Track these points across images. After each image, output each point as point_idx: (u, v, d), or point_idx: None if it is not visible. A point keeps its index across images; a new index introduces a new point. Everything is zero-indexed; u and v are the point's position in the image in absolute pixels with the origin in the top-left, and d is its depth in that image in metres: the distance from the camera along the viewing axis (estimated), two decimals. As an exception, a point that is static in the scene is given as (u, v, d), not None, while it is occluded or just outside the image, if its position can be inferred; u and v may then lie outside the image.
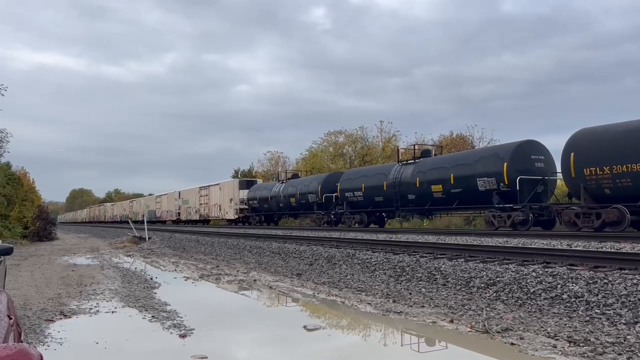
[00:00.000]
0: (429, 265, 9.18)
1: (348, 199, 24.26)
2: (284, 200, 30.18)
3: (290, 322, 6.59)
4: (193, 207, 45.41)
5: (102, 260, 15.68)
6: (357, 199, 23.78)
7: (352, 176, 24.98)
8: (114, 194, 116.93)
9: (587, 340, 4.81)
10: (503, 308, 6.57)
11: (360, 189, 23.43)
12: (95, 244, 26.01)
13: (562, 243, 10.81)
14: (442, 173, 18.78)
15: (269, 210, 32.56)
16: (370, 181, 23.03)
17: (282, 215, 32.53)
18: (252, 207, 34.60)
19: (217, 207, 39.91)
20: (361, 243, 13.23)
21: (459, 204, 18.13)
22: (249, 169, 56.26)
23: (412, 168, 20.59)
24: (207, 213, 42.02)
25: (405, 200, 20.57)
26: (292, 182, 30.52)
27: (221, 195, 39.10)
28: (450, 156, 19.89)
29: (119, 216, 69.68)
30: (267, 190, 32.84)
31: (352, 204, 24.21)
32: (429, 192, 19.17)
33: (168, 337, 5.51)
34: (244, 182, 37.87)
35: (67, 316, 6.67)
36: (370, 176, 23.36)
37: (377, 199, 22.39)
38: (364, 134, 42.18)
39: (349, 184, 24.46)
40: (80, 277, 10.86)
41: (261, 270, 11.75)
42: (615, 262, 7.40)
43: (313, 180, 28.56)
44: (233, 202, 36.94)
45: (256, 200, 33.76)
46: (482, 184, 17.03)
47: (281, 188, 30.88)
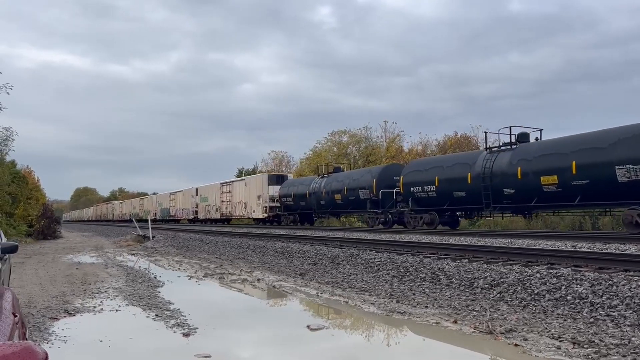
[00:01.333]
0: (432, 266, 9.17)
1: (415, 195, 20.22)
2: (327, 197, 26.24)
3: (293, 321, 6.60)
4: (213, 205, 41.49)
5: (106, 259, 15.73)
6: (426, 195, 19.77)
7: (420, 167, 20.86)
8: (118, 193, 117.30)
9: (592, 341, 4.79)
10: (507, 309, 6.55)
11: (433, 183, 19.39)
12: (99, 243, 26.10)
13: (567, 244, 10.78)
14: (559, 160, 14.98)
15: (306, 208, 28.56)
16: (448, 173, 18.93)
17: (323, 214, 28.44)
18: (285, 205, 30.74)
19: (241, 205, 36.07)
20: (365, 243, 13.22)
21: (583, 199, 14.44)
22: (253, 168, 56.34)
23: (509, 155, 16.74)
24: (229, 211, 38.19)
25: (500, 196, 16.78)
26: (337, 176, 26.48)
27: (247, 191, 35.36)
28: (570, 138, 15.58)
29: (128, 214, 66.12)
30: (303, 186, 28.85)
31: (420, 201, 20.15)
32: (536, 184, 15.43)
33: (172, 335, 5.52)
34: (274, 177, 34.28)
35: (72, 314, 6.69)
36: (447, 167, 19.14)
37: (458, 194, 18.39)
38: (368, 133, 42.21)
39: (416, 177, 20.33)
40: (85, 276, 10.90)
41: (265, 270, 11.76)
42: (620, 263, 7.36)
43: (365, 174, 24.35)
44: (262, 199, 32.93)
45: (290, 198, 29.88)
46: (624, 173, 13.25)
47: (322, 183, 26.92)
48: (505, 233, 16.25)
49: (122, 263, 14.30)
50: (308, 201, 28.06)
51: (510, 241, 12.26)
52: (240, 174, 54.87)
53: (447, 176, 18.91)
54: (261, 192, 33.20)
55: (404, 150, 40.42)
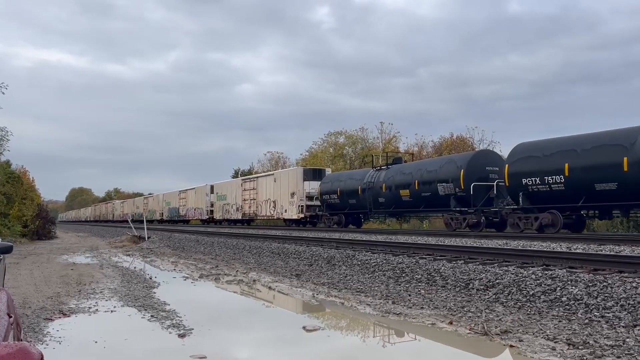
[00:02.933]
0: (428, 267, 9.18)
1: (528, 189, 15.57)
2: (388, 193, 21.77)
3: (289, 322, 6.60)
4: (233, 203, 36.83)
5: (102, 260, 15.68)
6: (548, 189, 15.12)
7: (536, 152, 15.84)
8: (114, 193, 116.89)
9: (586, 342, 4.81)
10: (502, 310, 6.56)
11: (560, 172, 14.78)
12: (94, 243, 26.02)
13: (562, 246, 10.81)
14: None
15: (357, 207, 24.09)
16: (586, 158, 14.39)
17: (381, 214, 24.05)
18: (327, 204, 26.03)
19: (269, 203, 31.57)
20: (361, 244, 13.23)
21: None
22: (249, 169, 56.27)
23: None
24: (254, 211, 33.66)
25: None
26: (402, 168, 21.94)
27: (276, 188, 30.72)
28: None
29: (131, 214, 60.13)
30: (354, 181, 24.30)
31: (536, 197, 15.53)
32: None
33: (167, 336, 5.51)
34: (311, 172, 29.48)
35: (66, 315, 6.66)
36: (585, 150, 14.48)
37: (603, 186, 13.84)
38: (364, 134, 42.28)
39: (531, 165, 15.65)
40: (80, 276, 10.86)
41: (260, 271, 11.75)
42: (614, 265, 7.40)
43: (446, 164, 19.33)
44: (296, 197, 28.41)
45: (335, 195, 25.18)
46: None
47: (381, 176, 22.49)
48: (500, 235, 16.29)
49: (118, 264, 14.26)
50: (360, 199, 23.59)
51: (505, 242, 12.30)
52: (237, 174, 54.58)
53: (584, 163, 14.32)
54: (295, 189, 28.57)
55: (400, 151, 40.47)
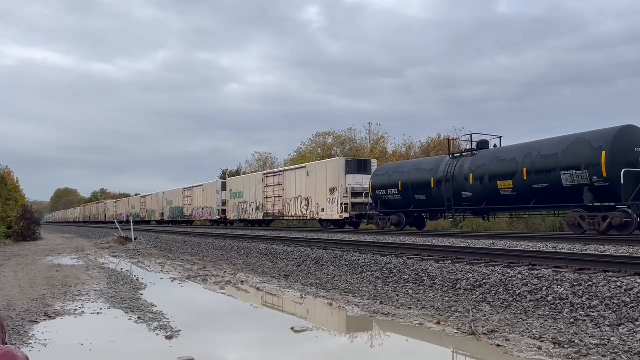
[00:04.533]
0: (416, 267, 9.22)
1: None
2: (478, 185, 17.19)
3: (277, 323, 6.59)
4: (252, 201, 32.32)
5: (87, 261, 15.53)
6: None
7: None
8: (99, 194, 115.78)
9: (572, 341, 4.86)
10: (489, 309, 6.61)
11: None
12: (80, 244, 25.75)
13: (548, 245, 10.93)
14: None
15: (427, 203, 19.64)
16: None
17: (464, 210, 18.60)
18: (382, 201, 21.56)
19: (300, 201, 27.24)
20: (349, 244, 13.24)
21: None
22: (237, 169, 56.10)
23: None
24: (279, 210, 29.30)
25: None
26: (500, 152, 17.18)
27: (309, 183, 26.36)
28: None
29: (125, 215, 56.94)
30: (423, 171, 19.79)
31: None
32: None
33: (154, 338, 5.47)
34: (355, 163, 24.88)
35: (52, 317, 6.59)
36: None
37: None
38: (352, 135, 42.37)
39: None
40: (65, 278, 10.74)
41: (248, 271, 11.72)
42: (599, 264, 7.49)
43: (574, 144, 14.53)
44: (337, 193, 24.08)
45: (395, 189, 20.77)
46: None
47: (465, 164, 17.93)
48: (488, 234, 16.42)
49: (104, 265, 14.13)
50: (433, 193, 19.13)
51: (492, 242, 12.39)
52: (224, 175, 54.22)
53: None
54: (335, 183, 24.29)
55: (387, 152, 40.64)
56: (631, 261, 7.29)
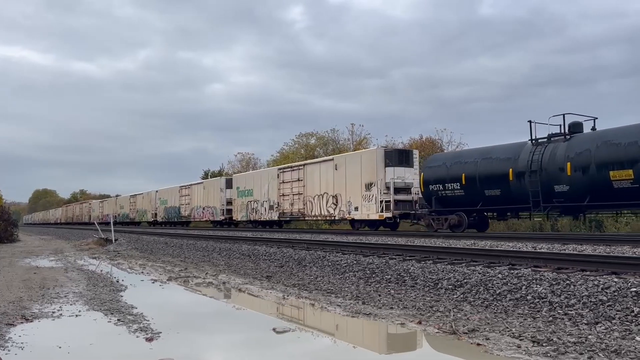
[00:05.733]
0: (398, 267, 9.27)
1: None
2: (580, 177, 14.26)
3: (259, 324, 6.56)
4: (264, 200, 29.14)
5: (66, 263, 15.29)
6: None
7: None
8: (79, 195, 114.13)
9: (550, 340, 4.93)
10: (470, 309, 6.67)
11: None
12: (59, 246, 25.35)
13: (528, 245, 11.07)
14: None
15: (503, 200, 16.37)
16: None
17: (561, 209, 15.49)
18: (437, 198, 18.42)
19: (325, 199, 23.98)
20: (331, 245, 13.26)
21: None
22: (220, 170, 55.81)
23: None
24: (299, 209, 25.99)
25: None
26: (610, 135, 13.94)
27: (339, 178, 23.17)
28: None
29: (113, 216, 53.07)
30: (496, 161, 16.50)
31: None
32: None
33: (134, 340, 5.41)
34: (396, 154, 21.59)
35: (29, 320, 6.48)
36: None
37: None
38: (335, 136, 42.45)
39: None
40: (43, 280, 10.57)
41: (230, 273, 11.66)
42: (577, 263, 7.61)
43: None
44: (376, 189, 20.98)
45: (456, 184, 17.54)
46: None
47: (559, 151, 14.87)
48: (469, 235, 16.58)
49: (83, 267, 13.93)
50: (512, 188, 15.90)
51: (473, 242, 12.51)
52: (206, 176, 53.79)
53: None
54: (373, 178, 21.20)
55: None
56: (608, 260, 7.43)
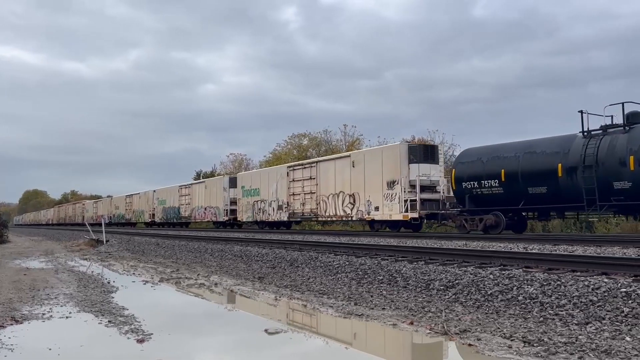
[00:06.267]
0: (390, 268, 9.28)
1: None
2: None
3: (251, 326, 6.55)
4: (272, 200, 27.86)
5: (57, 264, 15.18)
6: None
7: None
8: (70, 196, 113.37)
9: (541, 340, 4.96)
10: (461, 310, 6.70)
11: None
12: (49, 247, 25.16)
13: (519, 246, 11.13)
14: None
15: (550, 199, 15.03)
16: None
17: (621, 208, 14.26)
18: (472, 196, 17.04)
19: (341, 199, 22.64)
20: (324, 246, 13.26)
21: None
22: (212, 171, 55.66)
23: None
24: (312, 209, 24.61)
25: None
26: None
27: (356, 175, 21.83)
28: None
29: (108, 216, 53.93)
30: (542, 155, 15.29)
31: None
32: None
33: (125, 342, 5.37)
34: (420, 150, 20.12)
35: (19, 322, 6.42)
36: None
37: None
38: (327, 137, 42.48)
39: None
40: (33, 281, 10.48)
41: (222, 274, 11.62)
42: (568, 264, 7.66)
43: None
44: (398, 187, 19.72)
45: (494, 180, 16.29)
46: None
47: (618, 143, 13.85)
48: (461, 236, 16.64)
49: (74, 268, 13.84)
50: (562, 185, 14.60)
51: (465, 243, 12.56)
52: (199, 176, 53.56)
53: None
54: (396, 176, 19.81)
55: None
56: (598, 261, 7.49)
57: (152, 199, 45.68)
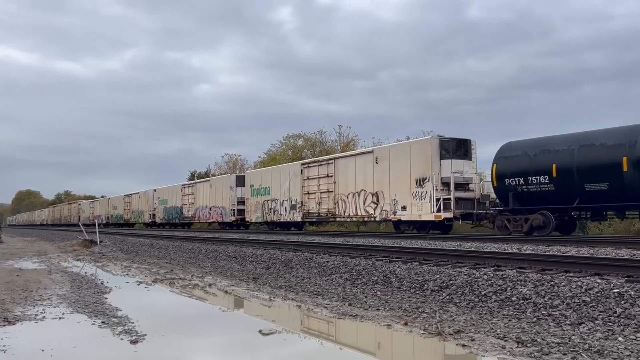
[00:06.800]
0: (384, 269, 9.29)
1: None
2: None
3: (245, 326, 6.54)
4: (285, 199, 26.19)
5: (50, 265, 15.11)
6: None
7: None
8: (64, 196, 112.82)
9: (534, 340, 4.98)
10: (455, 310, 6.71)
11: None
12: (43, 248, 25.03)
13: (513, 247, 11.17)
14: None
15: (612, 196, 13.56)
16: None
17: None
18: (517, 194, 15.39)
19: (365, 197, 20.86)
20: (318, 247, 13.26)
21: None
22: (206, 171, 55.54)
23: None
24: (329, 209, 23.04)
25: None
26: None
27: (380, 173, 20.19)
28: None
29: (105, 217, 53.01)
30: (601, 148, 13.85)
31: None
32: None
33: (119, 343, 5.36)
34: (453, 144, 18.28)
35: (11, 323, 6.39)
36: None
37: None
38: (322, 137, 42.49)
39: None
40: (26, 282, 10.43)
41: (217, 275, 11.60)
42: (561, 265, 7.70)
43: None
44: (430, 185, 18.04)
45: (545, 178, 14.80)
46: None
47: None
48: (455, 236, 16.68)
49: (67, 269, 13.77)
50: (627, 181, 13.25)
51: (459, 244, 12.59)
52: (193, 177, 53.43)
53: None
54: (427, 172, 18.21)
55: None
56: (591, 262, 7.53)
57: (153, 198, 43.95)
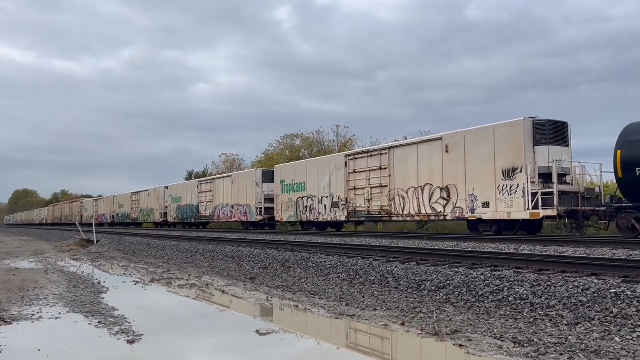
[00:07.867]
0: (381, 269, 9.29)
1: None
2: None
3: (242, 326, 6.53)
4: (323, 196, 23.24)
5: (47, 264, 15.07)
6: None
7: None
8: (60, 195, 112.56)
9: (531, 340, 4.99)
10: (452, 310, 6.72)
11: None
12: (39, 247, 24.97)
13: (510, 247, 11.19)
14: None
15: None
16: None
17: None
18: None
19: (431, 193, 17.96)
20: (315, 246, 13.26)
21: None
22: (204, 171, 55.48)
23: None
24: (382, 207, 20.07)
25: None
26: None
27: (449, 163, 17.30)
28: None
29: (110, 215, 50.72)
30: None
31: None
32: None
33: (115, 343, 5.34)
34: (549, 127, 15.33)
35: (7, 322, 6.37)
36: None
37: None
38: (320, 137, 42.49)
39: None
40: (22, 282, 10.40)
41: (214, 274, 11.59)
42: (557, 265, 7.71)
43: None
44: (521, 177, 15.14)
45: None
46: None
47: None
48: (452, 236, 16.69)
49: (64, 268, 13.74)
50: None
51: (456, 244, 12.61)
52: (190, 176, 53.33)
53: None
54: (517, 161, 15.27)
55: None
56: (588, 262, 7.54)
57: (164, 196, 40.59)
